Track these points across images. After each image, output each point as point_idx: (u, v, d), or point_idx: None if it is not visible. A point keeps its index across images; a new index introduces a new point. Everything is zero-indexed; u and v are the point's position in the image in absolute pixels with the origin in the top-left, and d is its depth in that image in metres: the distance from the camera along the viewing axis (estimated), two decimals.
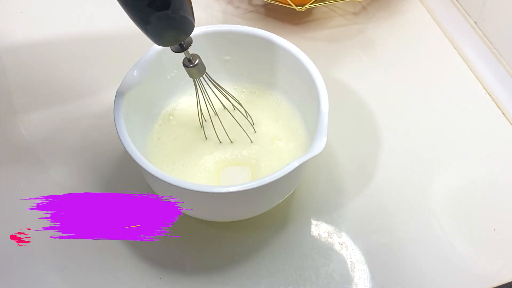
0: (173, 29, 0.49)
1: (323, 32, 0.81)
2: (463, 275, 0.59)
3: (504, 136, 0.70)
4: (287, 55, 0.61)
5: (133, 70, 0.59)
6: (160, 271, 0.59)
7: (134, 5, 0.46)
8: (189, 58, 0.55)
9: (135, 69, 0.59)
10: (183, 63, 0.55)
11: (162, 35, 0.50)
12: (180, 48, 0.53)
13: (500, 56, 0.76)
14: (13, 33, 0.81)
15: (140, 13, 0.46)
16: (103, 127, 0.69)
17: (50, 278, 0.59)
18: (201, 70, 0.56)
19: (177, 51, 0.53)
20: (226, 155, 0.62)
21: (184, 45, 0.53)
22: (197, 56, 0.55)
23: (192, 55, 0.55)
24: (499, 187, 0.65)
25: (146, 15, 0.47)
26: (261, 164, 0.61)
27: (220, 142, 0.63)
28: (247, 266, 0.60)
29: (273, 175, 0.51)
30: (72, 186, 0.65)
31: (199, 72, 0.56)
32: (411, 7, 0.84)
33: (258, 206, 0.58)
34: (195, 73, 0.56)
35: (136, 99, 0.59)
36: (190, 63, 0.55)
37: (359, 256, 0.60)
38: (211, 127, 0.63)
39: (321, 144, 0.53)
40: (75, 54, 0.78)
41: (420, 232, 0.62)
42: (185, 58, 0.55)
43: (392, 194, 0.64)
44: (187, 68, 0.55)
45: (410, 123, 0.71)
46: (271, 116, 0.65)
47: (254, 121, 0.64)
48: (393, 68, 0.77)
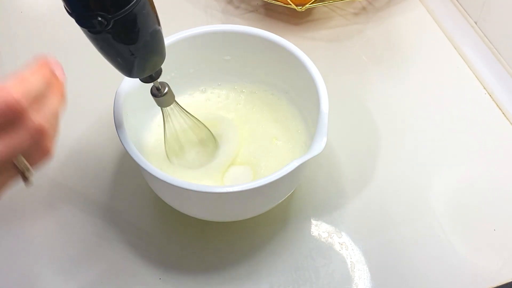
0: (135, 64, 0.47)
1: (323, 32, 0.81)
2: (463, 275, 0.59)
3: (504, 136, 0.70)
4: (287, 55, 0.61)
5: None
6: (160, 271, 0.59)
7: (102, 39, 0.44)
8: (158, 87, 0.52)
9: None
10: (151, 91, 0.53)
11: (127, 68, 0.48)
12: (149, 79, 0.50)
13: (500, 56, 0.76)
14: (13, 33, 0.81)
15: (108, 47, 0.45)
16: (103, 127, 0.69)
17: (50, 278, 0.59)
18: (170, 99, 0.54)
19: (146, 82, 0.51)
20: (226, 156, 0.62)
21: (154, 77, 0.50)
22: (166, 84, 0.53)
23: (161, 83, 0.52)
24: (499, 187, 0.65)
25: (112, 48, 0.45)
26: (261, 164, 0.61)
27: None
28: (247, 266, 0.60)
29: (273, 175, 0.51)
30: (72, 186, 0.65)
31: (167, 102, 0.54)
32: (411, 7, 0.84)
33: (258, 206, 0.58)
34: (164, 102, 0.54)
35: (136, 99, 0.59)
36: (159, 92, 0.53)
37: (359, 256, 0.60)
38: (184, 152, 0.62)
39: (321, 144, 0.53)
40: (75, 54, 0.78)
41: (420, 232, 0.62)
42: (153, 86, 0.52)
43: (392, 194, 0.64)
44: (156, 98, 0.53)
45: (410, 123, 0.71)
46: (271, 116, 0.65)
47: (254, 121, 0.64)
48: (393, 68, 0.77)
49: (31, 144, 0.39)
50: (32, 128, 0.38)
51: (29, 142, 0.38)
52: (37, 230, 0.62)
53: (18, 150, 0.38)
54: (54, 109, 0.41)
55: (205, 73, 0.66)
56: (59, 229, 0.62)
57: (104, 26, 0.42)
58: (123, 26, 0.43)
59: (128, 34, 0.44)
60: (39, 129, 0.39)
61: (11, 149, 0.38)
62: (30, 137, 0.38)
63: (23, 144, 0.38)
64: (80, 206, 0.64)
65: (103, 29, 0.43)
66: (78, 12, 0.43)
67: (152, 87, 0.53)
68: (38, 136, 0.39)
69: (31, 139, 0.38)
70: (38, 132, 0.39)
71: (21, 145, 0.38)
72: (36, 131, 0.38)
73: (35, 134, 0.39)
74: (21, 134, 0.38)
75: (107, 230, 0.62)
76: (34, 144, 0.39)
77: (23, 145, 0.38)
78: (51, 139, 0.40)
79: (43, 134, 0.39)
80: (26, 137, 0.38)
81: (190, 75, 0.66)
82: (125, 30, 0.44)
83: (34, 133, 0.38)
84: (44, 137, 0.39)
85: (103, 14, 0.42)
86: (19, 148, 0.38)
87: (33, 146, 0.39)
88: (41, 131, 0.39)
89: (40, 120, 0.39)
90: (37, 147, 0.39)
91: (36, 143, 0.39)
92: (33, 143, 0.39)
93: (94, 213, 0.63)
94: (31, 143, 0.39)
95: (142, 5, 0.43)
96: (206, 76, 0.66)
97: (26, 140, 0.38)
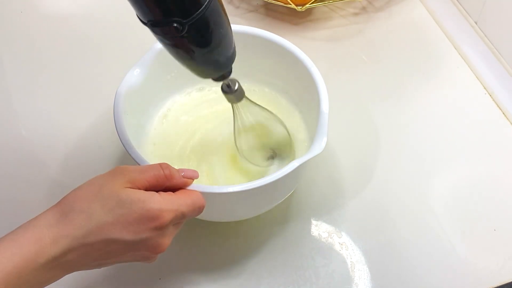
0: (211, 65, 0.49)
1: (323, 32, 0.81)
2: (463, 275, 0.59)
3: (504, 136, 0.70)
4: (287, 55, 0.61)
5: (134, 70, 0.59)
6: (160, 271, 0.59)
7: (178, 44, 0.45)
8: (228, 84, 0.53)
9: (136, 69, 0.59)
10: (222, 88, 0.53)
11: (205, 71, 0.49)
12: (220, 78, 0.51)
13: (500, 56, 0.76)
14: (13, 33, 0.81)
15: (183, 51, 0.46)
16: (103, 127, 0.69)
17: None
18: (240, 96, 0.54)
19: (218, 81, 0.52)
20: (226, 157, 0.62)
21: (226, 76, 0.51)
22: (236, 81, 0.53)
23: (231, 80, 0.53)
24: (499, 187, 0.65)
25: (188, 52, 0.46)
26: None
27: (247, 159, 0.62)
28: (247, 266, 0.60)
29: (273, 175, 0.51)
30: (72, 186, 0.65)
31: (238, 98, 0.54)
32: (411, 7, 0.84)
33: (259, 206, 0.58)
34: (234, 99, 0.54)
35: (136, 99, 0.59)
36: (229, 89, 0.53)
37: (359, 256, 0.60)
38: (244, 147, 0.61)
39: (321, 144, 0.53)
40: (76, 54, 0.78)
41: (420, 232, 0.62)
42: (223, 84, 0.53)
43: (392, 194, 0.64)
44: (226, 95, 0.54)
45: (410, 123, 0.71)
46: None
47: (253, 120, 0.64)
48: (393, 68, 0.77)
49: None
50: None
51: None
52: None
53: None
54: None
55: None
56: None
57: (179, 31, 0.43)
58: (198, 29, 0.44)
59: (203, 36, 0.45)
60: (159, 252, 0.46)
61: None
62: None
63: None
64: None
65: (179, 34, 0.43)
66: (153, 21, 0.43)
67: (223, 84, 0.53)
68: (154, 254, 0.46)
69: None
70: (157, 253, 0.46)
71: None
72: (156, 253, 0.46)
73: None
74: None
75: None
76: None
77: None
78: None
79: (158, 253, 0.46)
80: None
81: (189, 74, 0.66)
82: (199, 32, 0.44)
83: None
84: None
85: (178, 20, 0.42)
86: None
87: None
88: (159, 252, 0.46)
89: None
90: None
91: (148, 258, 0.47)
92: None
93: None
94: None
95: (213, 6, 0.44)
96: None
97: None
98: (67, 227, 0.41)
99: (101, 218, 0.42)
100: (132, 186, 0.43)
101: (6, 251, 0.40)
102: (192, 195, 0.47)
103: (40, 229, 0.41)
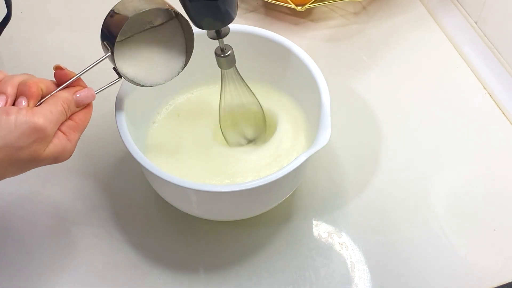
0: (213, 16, 0.51)
1: (323, 32, 0.81)
2: (463, 275, 0.59)
3: (504, 136, 0.70)
4: (286, 53, 0.61)
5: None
6: (160, 271, 0.59)
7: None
8: (222, 47, 0.55)
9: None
10: (215, 52, 0.56)
11: (202, 19, 0.51)
12: (216, 35, 0.53)
13: (500, 56, 0.76)
14: (13, 33, 0.81)
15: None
16: (104, 127, 0.69)
17: (50, 278, 0.59)
18: (231, 63, 0.57)
19: (213, 38, 0.54)
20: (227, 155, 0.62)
21: (221, 34, 0.53)
22: (230, 47, 0.56)
23: (226, 45, 0.55)
24: (499, 187, 0.65)
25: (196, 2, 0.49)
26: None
27: (228, 143, 0.63)
28: (247, 266, 0.60)
29: (281, 171, 0.51)
30: (72, 186, 0.65)
31: (228, 64, 0.57)
32: (411, 7, 0.84)
33: (262, 203, 0.58)
34: (224, 64, 0.57)
35: (136, 99, 0.59)
36: (222, 52, 0.56)
37: (359, 256, 0.60)
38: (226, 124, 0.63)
39: (325, 136, 0.53)
40: (76, 54, 0.78)
41: (420, 232, 0.62)
42: (218, 47, 0.55)
43: (392, 194, 0.64)
44: (218, 57, 0.56)
45: (410, 123, 0.71)
46: (272, 113, 0.65)
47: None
48: (393, 68, 0.77)
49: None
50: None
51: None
52: (37, 229, 0.62)
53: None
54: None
55: (203, 71, 0.66)
56: (59, 229, 0.62)
57: None
58: None
59: None
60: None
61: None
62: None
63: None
64: (80, 206, 0.64)
65: None
66: None
67: (217, 48, 0.55)
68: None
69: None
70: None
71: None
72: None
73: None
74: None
75: (107, 230, 0.62)
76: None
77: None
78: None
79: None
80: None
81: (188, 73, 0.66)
82: None
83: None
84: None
85: None
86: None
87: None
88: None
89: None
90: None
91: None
92: None
93: (94, 213, 0.63)
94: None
95: None
96: (205, 74, 0.66)
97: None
98: None
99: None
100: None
101: None
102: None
103: None
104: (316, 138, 0.53)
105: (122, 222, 0.62)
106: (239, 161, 0.61)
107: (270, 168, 0.59)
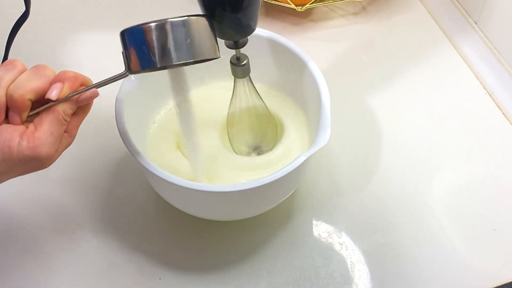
0: (233, 28, 0.50)
1: (323, 32, 0.81)
2: (463, 275, 0.59)
3: (504, 136, 0.70)
4: (286, 53, 0.61)
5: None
6: (160, 271, 0.59)
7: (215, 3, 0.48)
8: (239, 56, 0.55)
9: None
10: (231, 60, 0.55)
11: (223, 31, 0.51)
12: (234, 45, 0.53)
13: (500, 56, 0.76)
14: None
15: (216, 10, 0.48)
16: (104, 127, 0.69)
17: (50, 278, 0.59)
18: (246, 72, 0.56)
19: (230, 47, 0.53)
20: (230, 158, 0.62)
21: (239, 44, 0.53)
22: (246, 56, 0.55)
23: (242, 54, 0.55)
24: (499, 187, 0.65)
25: (219, 13, 0.48)
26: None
27: (235, 151, 0.63)
28: (247, 266, 0.60)
29: (282, 170, 0.51)
30: (72, 186, 0.65)
31: (243, 73, 0.56)
32: (411, 7, 0.84)
33: (263, 203, 0.58)
34: (239, 73, 0.56)
35: (136, 99, 0.59)
36: (238, 62, 0.55)
37: (359, 256, 0.60)
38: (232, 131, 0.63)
39: (325, 136, 0.53)
40: (76, 54, 0.78)
41: (420, 232, 0.62)
42: (234, 55, 0.55)
43: (392, 194, 0.64)
44: (233, 66, 0.56)
45: (410, 123, 0.71)
46: (272, 113, 0.65)
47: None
48: (393, 68, 0.77)
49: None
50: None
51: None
52: (37, 230, 0.62)
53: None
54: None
55: (203, 70, 0.66)
56: (59, 230, 0.62)
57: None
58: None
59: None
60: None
61: None
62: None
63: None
64: (80, 206, 0.64)
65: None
66: None
67: (233, 56, 0.55)
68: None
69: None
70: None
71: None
72: None
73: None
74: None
75: (107, 230, 0.62)
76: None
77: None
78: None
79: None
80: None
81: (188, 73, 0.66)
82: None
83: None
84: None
85: None
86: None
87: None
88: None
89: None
90: None
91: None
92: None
93: (94, 213, 0.63)
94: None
95: None
96: (204, 73, 0.66)
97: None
98: None
99: None
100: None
101: None
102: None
103: None
104: (316, 138, 0.53)
105: (122, 222, 0.62)
106: (239, 161, 0.61)
107: (270, 168, 0.59)
